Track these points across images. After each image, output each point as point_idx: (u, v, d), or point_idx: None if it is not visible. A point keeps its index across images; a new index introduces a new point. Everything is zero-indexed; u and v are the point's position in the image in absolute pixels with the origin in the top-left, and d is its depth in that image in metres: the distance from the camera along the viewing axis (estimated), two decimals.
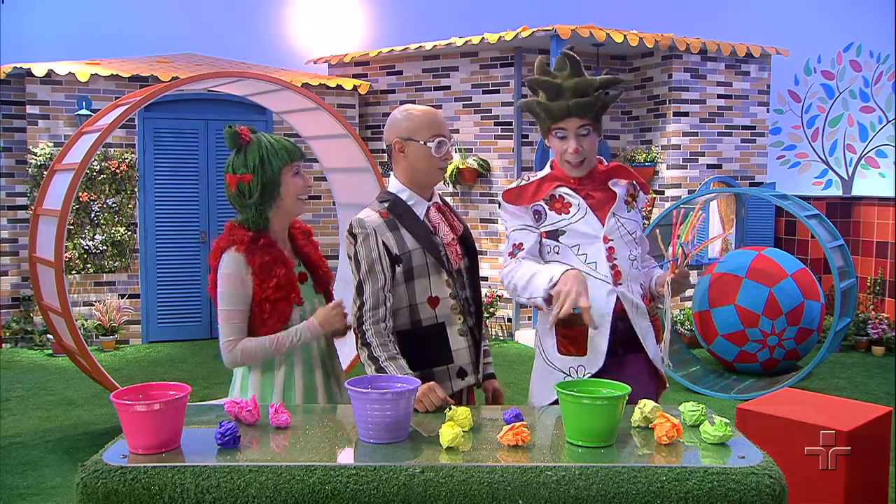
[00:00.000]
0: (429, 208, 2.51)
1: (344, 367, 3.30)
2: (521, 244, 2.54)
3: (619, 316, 2.51)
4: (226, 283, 2.43)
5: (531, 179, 2.59)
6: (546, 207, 2.55)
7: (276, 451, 1.94)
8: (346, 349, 2.61)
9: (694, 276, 7.45)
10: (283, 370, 2.51)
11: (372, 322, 2.39)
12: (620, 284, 2.51)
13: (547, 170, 2.62)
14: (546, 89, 2.49)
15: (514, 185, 2.60)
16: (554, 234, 2.53)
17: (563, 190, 2.54)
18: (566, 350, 2.53)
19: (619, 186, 2.59)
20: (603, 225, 2.52)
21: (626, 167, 2.64)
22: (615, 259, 2.51)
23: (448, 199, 8.29)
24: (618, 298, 2.50)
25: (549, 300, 2.32)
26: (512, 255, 2.54)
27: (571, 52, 2.52)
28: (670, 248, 2.54)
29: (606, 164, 2.63)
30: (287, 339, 2.45)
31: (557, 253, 2.53)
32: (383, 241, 2.41)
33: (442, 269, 2.46)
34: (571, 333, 2.51)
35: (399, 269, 2.41)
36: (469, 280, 2.57)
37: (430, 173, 2.49)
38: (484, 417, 2.17)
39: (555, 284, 2.28)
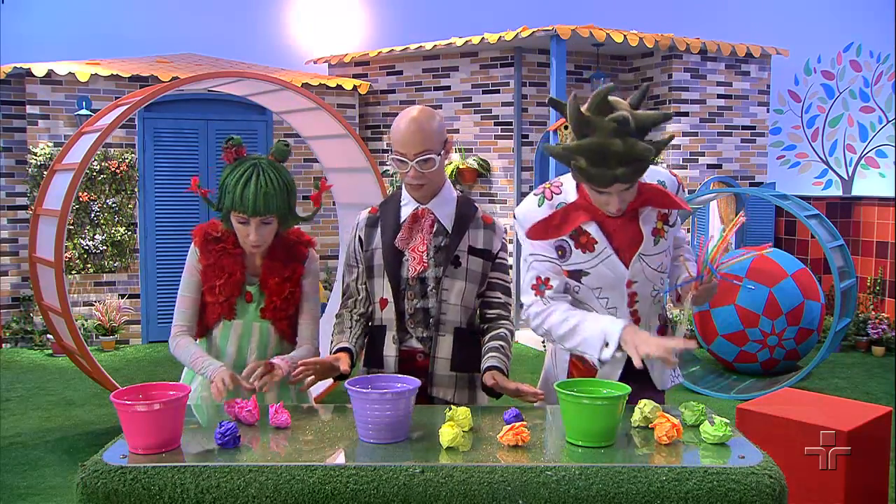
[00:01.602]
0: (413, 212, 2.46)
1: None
2: (547, 280, 2.35)
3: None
4: (185, 270, 2.57)
5: (553, 204, 2.32)
6: (571, 244, 2.33)
7: (276, 451, 1.94)
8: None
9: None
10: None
11: (343, 308, 2.55)
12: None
13: (572, 190, 2.33)
14: (589, 156, 2.10)
15: (532, 209, 2.35)
16: (577, 275, 2.34)
17: (591, 227, 2.30)
18: (574, 371, 2.48)
19: (649, 218, 2.33)
20: (627, 268, 2.32)
21: (663, 192, 2.30)
22: (637, 303, 2.39)
23: None
24: None
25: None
26: (537, 290, 2.35)
27: (622, 112, 2.08)
28: (694, 267, 2.37)
29: (644, 183, 2.30)
30: (199, 364, 2.47)
31: (577, 292, 2.37)
32: (360, 236, 2.51)
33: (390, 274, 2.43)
34: (583, 365, 2.44)
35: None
36: (437, 290, 2.42)
37: (405, 183, 2.44)
38: (484, 417, 2.17)
39: (618, 347, 2.21)
